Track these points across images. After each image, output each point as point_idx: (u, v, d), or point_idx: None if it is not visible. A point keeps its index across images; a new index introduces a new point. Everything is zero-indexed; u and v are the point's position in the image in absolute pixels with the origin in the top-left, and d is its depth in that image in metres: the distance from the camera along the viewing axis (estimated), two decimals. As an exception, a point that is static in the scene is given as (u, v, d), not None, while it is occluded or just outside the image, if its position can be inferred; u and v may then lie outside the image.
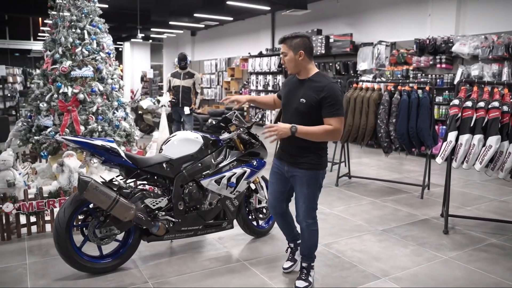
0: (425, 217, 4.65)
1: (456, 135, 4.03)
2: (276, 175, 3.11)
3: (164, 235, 3.35)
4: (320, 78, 2.86)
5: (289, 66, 2.89)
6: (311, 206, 3.00)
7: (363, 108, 5.64)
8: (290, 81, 3.03)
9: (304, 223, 2.99)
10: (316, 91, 2.78)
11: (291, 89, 2.97)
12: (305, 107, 2.80)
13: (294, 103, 2.87)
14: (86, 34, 5.16)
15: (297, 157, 2.91)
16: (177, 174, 3.38)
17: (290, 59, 2.85)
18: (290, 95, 2.95)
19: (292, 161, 2.94)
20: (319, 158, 2.91)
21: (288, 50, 2.85)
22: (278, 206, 3.17)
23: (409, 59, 8.43)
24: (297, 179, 2.94)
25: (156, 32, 16.10)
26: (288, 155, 2.97)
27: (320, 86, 2.78)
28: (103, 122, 5.13)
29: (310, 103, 2.78)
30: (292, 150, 2.92)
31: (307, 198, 2.95)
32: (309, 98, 2.79)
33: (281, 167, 3.04)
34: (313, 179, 2.92)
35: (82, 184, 2.94)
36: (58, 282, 3.05)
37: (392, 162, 7.63)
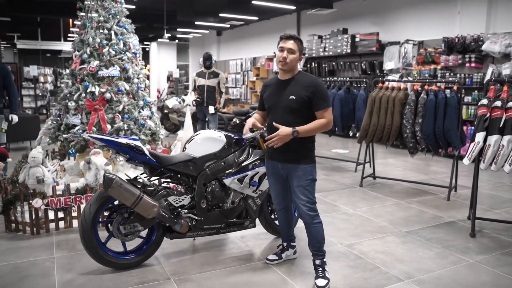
0: (451, 219, 4.54)
1: (484, 135, 3.92)
2: (274, 176, 3.20)
3: (187, 233, 3.39)
4: (305, 76, 3.04)
5: (291, 63, 2.97)
6: (311, 199, 3.06)
7: (388, 107, 5.55)
8: (271, 84, 3.13)
9: (308, 217, 3.06)
10: (305, 87, 2.93)
11: (274, 90, 3.06)
12: (296, 103, 2.92)
13: (283, 102, 2.97)
14: (113, 34, 5.26)
15: (291, 153, 3.00)
16: (200, 173, 3.42)
17: (295, 57, 2.98)
18: (275, 96, 3.04)
19: (286, 158, 3.02)
20: (310, 152, 3.07)
21: (297, 50, 2.99)
22: (282, 200, 3.29)
23: (437, 58, 8.25)
24: (293, 175, 3.02)
25: (182, 32, 16.28)
26: (281, 153, 3.03)
27: (308, 82, 2.95)
28: (129, 121, 5.22)
29: (300, 99, 2.91)
30: (286, 148, 2.97)
31: (306, 190, 3.02)
32: (298, 94, 2.92)
33: (276, 166, 3.12)
34: (308, 173, 3.02)
35: (107, 181, 3.01)
36: (84, 276, 3.14)
37: (418, 163, 7.49)
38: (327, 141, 9.93)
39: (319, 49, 11.32)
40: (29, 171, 4.09)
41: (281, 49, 2.98)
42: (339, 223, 4.39)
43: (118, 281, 3.07)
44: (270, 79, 3.22)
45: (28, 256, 3.48)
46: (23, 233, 3.95)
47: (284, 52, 2.96)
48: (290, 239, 3.46)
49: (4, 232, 3.98)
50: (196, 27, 14.90)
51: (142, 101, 5.45)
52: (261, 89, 3.24)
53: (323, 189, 5.70)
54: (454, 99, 5.16)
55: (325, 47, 11.08)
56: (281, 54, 2.96)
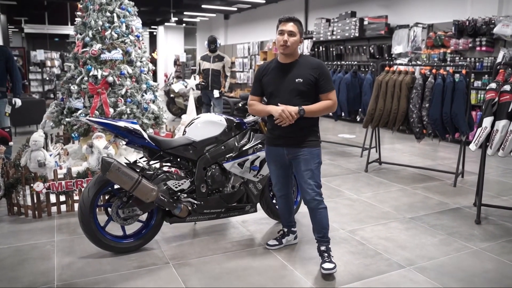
0: (456, 206, 4.47)
1: (491, 120, 3.82)
2: (276, 163, 3.13)
3: (187, 217, 3.37)
4: (308, 59, 3.00)
5: (292, 46, 2.89)
6: (318, 183, 3.02)
7: (395, 92, 5.44)
8: (268, 69, 3.03)
9: (314, 202, 3.00)
10: (311, 69, 2.89)
11: (276, 74, 2.98)
12: (303, 86, 2.87)
13: (289, 85, 2.90)
14: (116, 17, 5.20)
15: (298, 137, 2.95)
16: (200, 157, 3.38)
17: (296, 40, 2.91)
18: (278, 79, 2.96)
19: (293, 142, 2.96)
20: (317, 134, 3.03)
21: (297, 32, 2.92)
22: (284, 187, 3.25)
23: (447, 41, 8.06)
24: (301, 159, 2.96)
25: (189, 15, 16.12)
26: (287, 138, 2.97)
27: (314, 65, 2.92)
28: (131, 104, 5.19)
29: (307, 81, 2.87)
30: (292, 132, 2.93)
31: (314, 174, 2.98)
32: (305, 77, 2.87)
33: (279, 152, 3.05)
34: (316, 155, 2.99)
35: (105, 165, 2.99)
36: (83, 260, 3.14)
37: (426, 148, 7.38)
38: (334, 126, 9.84)
39: (326, 33, 11.14)
40: (31, 155, 4.09)
41: (281, 32, 2.91)
42: (342, 209, 4.34)
43: (117, 265, 3.06)
44: (266, 63, 3.13)
45: (29, 239, 3.49)
46: (25, 216, 3.96)
47: (284, 35, 2.88)
48: (291, 224, 3.43)
49: (6, 215, 4.00)
50: (203, 11, 14.73)
51: (145, 85, 5.40)
52: (256, 73, 3.12)
53: (328, 174, 5.64)
54: (463, 83, 5.03)
55: (333, 30, 10.89)
56: (282, 37, 2.89)
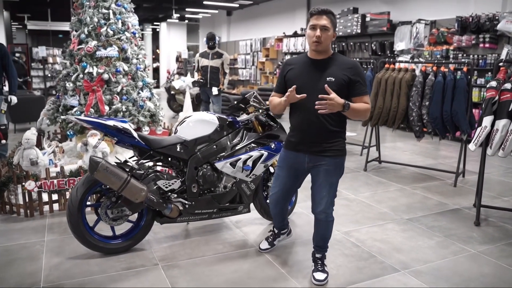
0: (456, 206, 4.38)
1: (491, 120, 3.73)
2: (290, 170, 2.85)
3: (177, 218, 3.31)
4: (342, 58, 2.76)
5: (325, 42, 2.61)
6: (334, 196, 2.80)
7: (394, 89, 5.35)
8: (297, 63, 2.77)
9: (324, 214, 2.78)
10: (345, 69, 2.63)
11: (305, 70, 2.71)
12: (335, 85, 2.57)
13: (319, 83, 2.59)
14: (111, 13, 5.14)
15: (324, 144, 2.68)
16: (191, 156, 3.32)
17: (330, 35, 2.62)
18: (307, 76, 2.68)
19: (318, 149, 2.69)
20: (343, 143, 2.77)
21: (331, 26, 2.62)
22: (282, 201, 3.00)
23: (450, 38, 7.94)
24: (322, 169, 2.71)
25: (191, 12, 16.04)
26: (311, 144, 2.71)
27: (349, 64, 2.66)
28: (127, 102, 5.13)
29: (339, 81, 2.60)
30: (317, 136, 2.68)
31: (332, 188, 2.76)
32: (338, 76, 2.61)
33: (299, 159, 2.77)
34: (340, 166, 2.76)
35: (93, 164, 2.93)
36: (71, 260, 3.09)
37: (427, 147, 7.28)
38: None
39: (329, 29, 11.01)
40: (23, 153, 4.05)
41: (313, 26, 2.59)
42: (339, 209, 4.24)
43: (105, 266, 3.01)
44: (294, 58, 2.84)
45: (19, 238, 3.45)
46: (17, 215, 3.92)
47: (317, 30, 2.57)
48: (283, 227, 3.31)
49: (-1, 214, 3.96)
50: (205, 7, 14.64)
51: (141, 82, 5.35)
52: (282, 68, 2.85)
53: (326, 174, 5.55)
54: (463, 81, 4.93)
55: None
56: (314, 32, 2.58)
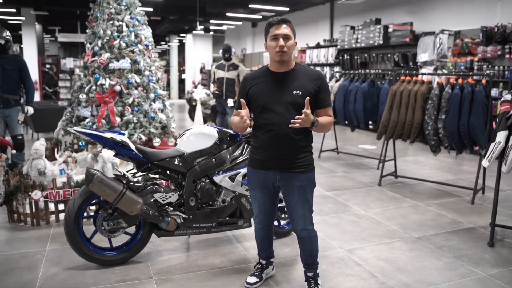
0: (471, 225, 4.16)
1: (506, 135, 3.54)
2: (263, 189, 2.70)
3: (175, 231, 3.29)
4: (305, 68, 2.66)
5: (289, 51, 2.52)
6: (311, 211, 2.70)
7: (409, 102, 5.18)
8: (259, 77, 2.63)
9: (305, 231, 2.70)
10: (311, 80, 2.55)
11: (268, 85, 2.58)
12: (302, 98, 2.47)
13: (285, 97, 2.52)
14: (124, 26, 5.23)
15: (294, 160, 2.57)
16: (189, 169, 3.29)
17: (292, 44, 2.54)
18: (274, 90, 2.56)
19: (287, 166, 2.58)
20: (311, 157, 2.67)
21: (291, 34, 2.54)
22: (268, 220, 2.83)
23: (474, 49, 7.67)
24: (295, 186, 2.60)
25: (215, 24, 16.24)
26: (280, 161, 2.58)
27: (314, 76, 2.58)
28: (138, 113, 5.19)
29: (306, 94, 2.50)
30: (287, 152, 2.56)
31: (309, 203, 2.67)
32: (304, 89, 2.52)
33: (269, 177, 2.64)
34: (312, 181, 2.67)
35: (88, 176, 2.95)
36: (67, 271, 3.11)
37: (449, 161, 7.01)
38: (356, 136, 9.56)
39: (351, 41, 10.89)
40: (32, 163, 4.14)
41: (275, 36, 2.50)
42: (346, 225, 4.14)
43: (99, 278, 3.01)
44: (254, 72, 2.71)
45: (22, 247, 3.50)
46: (25, 224, 4.00)
47: (279, 39, 2.49)
48: (270, 256, 3.03)
49: (7, 222, 4.04)
50: (228, 19, 14.80)
51: (153, 94, 5.40)
52: (242, 84, 2.71)
53: (338, 188, 5.43)
54: (482, 94, 4.72)
55: (357, 38, 10.64)
56: (277, 42, 2.49)
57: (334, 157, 7.35)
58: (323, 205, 4.69)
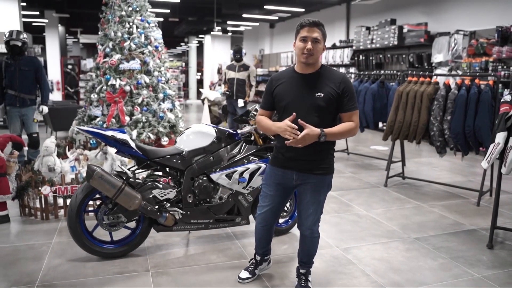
0: (472, 227, 4.14)
1: (505, 136, 3.51)
2: (278, 187, 2.74)
3: (173, 226, 3.40)
4: (331, 71, 2.64)
5: (316, 55, 2.53)
6: (321, 213, 2.74)
7: (415, 103, 5.16)
8: (285, 78, 2.67)
9: (309, 230, 2.73)
10: (334, 83, 2.54)
11: (292, 85, 2.61)
12: (323, 101, 2.52)
13: (307, 99, 2.54)
14: (135, 28, 5.39)
15: (313, 162, 2.60)
16: (188, 167, 3.40)
17: (321, 47, 2.55)
18: (295, 92, 2.59)
19: (306, 167, 2.61)
20: (332, 160, 2.69)
21: (322, 38, 2.54)
22: (271, 219, 2.86)
23: (489, 49, 7.55)
24: (309, 186, 2.64)
25: (232, 25, 16.38)
26: (299, 162, 2.62)
27: (337, 78, 2.57)
28: (147, 113, 5.35)
29: (328, 96, 2.52)
30: (306, 154, 2.58)
31: (320, 205, 2.70)
32: (326, 91, 2.53)
33: (287, 176, 2.68)
34: (327, 184, 2.69)
35: (89, 172, 3.08)
36: (70, 262, 3.25)
37: (461, 163, 6.91)
38: (370, 137, 9.51)
39: (366, 41, 10.85)
40: (42, 160, 4.32)
41: (304, 38, 2.51)
42: (346, 225, 4.17)
43: (99, 269, 3.14)
44: (280, 72, 2.75)
45: (30, 239, 3.67)
46: (35, 217, 4.18)
47: (308, 42, 2.49)
48: (266, 253, 3.08)
49: (19, 216, 4.24)
50: (245, 20, 14.92)
51: (162, 94, 5.54)
52: (269, 84, 2.74)
53: (343, 188, 5.45)
54: (488, 95, 4.67)
55: (373, 39, 10.59)
56: (305, 44, 2.50)
57: (344, 158, 7.36)
58: (326, 205, 4.62)
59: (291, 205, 3.92)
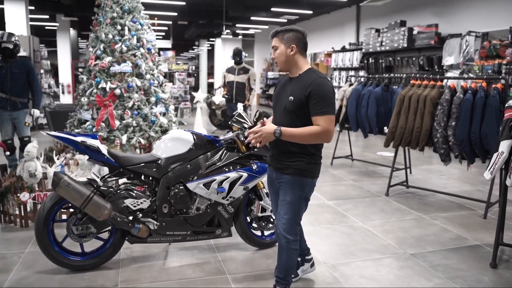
0: (476, 242, 3.82)
1: (509, 145, 3.22)
2: (271, 186, 2.84)
3: (148, 238, 3.20)
4: (309, 74, 2.58)
5: (279, 61, 2.62)
6: (294, 219, 2.61)
7: (418, 108, 4.87)
8: (280, 82, 2.81)
9: (284, 239, 2.61)
10: (304, 86, 2.52)
11: (280, 88, 2.73)
12: (293, 105, 2.54)
13: (283, 102, 2.62)
14: (126, 30, 5.24)
15: (283, 161, 2.62)
16: (163, 175, 3.20)
17: (280, 53, 2.60)
18: (280, 94, 2.71)
19: (279, 166, 2.66)
20: (307, 164, 2.59)
21: (280, 44, 2.60)
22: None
23: (502, 51, 7.17)
24: (281, 186, 2.65)
25: (242, 28, 16.23)
26: (275, 161, 2.69)
27: (307, 81, 2.53)
28: (138, 117, 5.18)
29: (298, 100, 2.52)
30: (278, 154, 2.65)
31: (290, 207, 2.60)
32: (297, 95, 2.53)
33: (271, 174, 2.79)
34: (297, 186, 2.60)
35: (55, 180, 2.91)
36: (37, 275, 3.08)
37: (471, 171, 6.50)
38: (377, 143, 9.18)
39: (376, 44, 10.53)
40: (24, 165, 4.18)
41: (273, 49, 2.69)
42: (337, 238, 3.91)
43: (67, 283, 2.96)
44: (281, 77, 2.91)
45: (3, 249, 3.52)
46: (14, 225, 4.04)
47: (272, 51, 2.68)
48: (303, 253, 3.04)
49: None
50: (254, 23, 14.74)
51: (154, 98, 5.37)
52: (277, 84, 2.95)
53: (341, 197, 5.18)
54: (495, 99, 4.35)
55: (382, 41, 10.27)
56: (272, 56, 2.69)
57: (348, 164, 7.08)
58: (319, 215, 4.47)
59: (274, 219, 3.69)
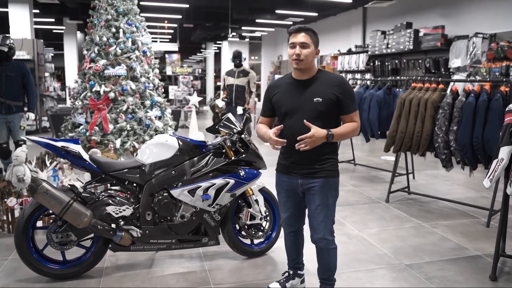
0: (477, 253, 3.65)
1: (510, 151, 3.05)
2: (288, 193, 2.71)
3: (131, 246, 3.10)
4: (328, 74, 2.62)
5: (307, 60, 2.50)
6: (332, 220, 2.64)
7: (419, 111, 4.71)
8: (282, 85, 2.66)
9: (324, 241, 2.62)
10: (332, 87, 2.52)
11: (290, 92, 2.60)
12: (322, 106, 2.50)
13: (306, 105, 2.52)
14: (121, 32, 5.17)
15: (315, 166, 2.55)
16: (147, 181, 3.10)
17: (311, 52, 2.51)
18: (294, 98, 2.57)
19: (309, 171, 2.57)
20: (335, 163, 2.63)
21: (311, 43, 2.52)
22: (295, 222, 2.80)
23: (510, 53, 6.96)
24: (316, 191, 2.56)
25: (247, 30, 16.15)
26: (302, 166, 2.58)
27: (336, 81, 2.54)
28: (132, 121, 5.11)
29: (328, 100, 2.50)
30: (308, 159, 2.55)
31: (329, 210, 2.59)
32: (325, 95, 2.50)
33: (293, 182, 2.64)
34: (333, 187, 2.61)
35: (33, 186, 2.83)
36: (17, 283, 3.00)
37: (478, 177, 6.28)
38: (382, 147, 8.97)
39: (381, 46, 10.35)
40: (12, 170, 4.11)
41: (292, 45, 2.51)
42: (331, 246, 3.75)
43: (44, 294, 2.87)
44: (277, 80, 2.77)
45: (-13, 256, 3.46)
46: (2, 230, 3.97)
47: (296, 47, 2.49)
48: (298, 267, 2.96)
49: (-14, 228, 4.04)
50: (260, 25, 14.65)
51: (149, 101, 5.29)
52: (267, 91, 2.74)
53: (340, 203, 4.92)
54: (499, 103, 4.17)
55: (388, 43, 10.09)
56: (293, 50, 2.50)
57: (350, 169, 6.92)
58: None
59: (268, 226, 3.57)
